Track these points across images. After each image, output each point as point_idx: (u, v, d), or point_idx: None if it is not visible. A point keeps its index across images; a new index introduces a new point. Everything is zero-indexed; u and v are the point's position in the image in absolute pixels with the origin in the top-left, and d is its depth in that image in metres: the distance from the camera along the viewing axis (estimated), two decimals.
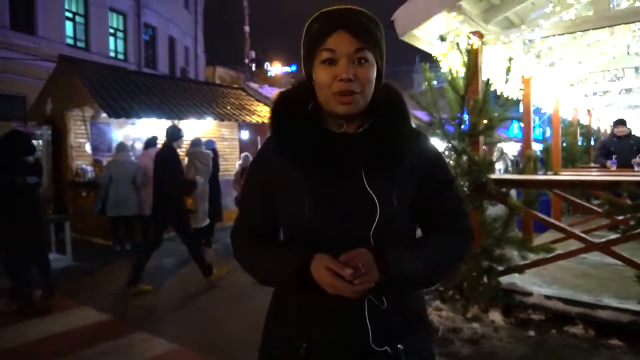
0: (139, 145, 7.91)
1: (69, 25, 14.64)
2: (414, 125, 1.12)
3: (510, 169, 13.30)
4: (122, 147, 6.83)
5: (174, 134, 5.02)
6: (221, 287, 4.90)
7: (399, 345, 1.02)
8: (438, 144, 3.90)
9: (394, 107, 1.08)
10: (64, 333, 3.62)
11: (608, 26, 3.87)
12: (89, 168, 7.77)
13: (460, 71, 3.80)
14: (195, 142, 6.79)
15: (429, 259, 1.04)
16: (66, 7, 14.50)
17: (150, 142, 6.98)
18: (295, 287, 0.99)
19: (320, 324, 1.02)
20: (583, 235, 3.71)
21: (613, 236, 3.69)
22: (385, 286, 0.96)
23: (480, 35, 3.86)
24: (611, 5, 3.82)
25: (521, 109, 5.85)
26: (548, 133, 10.20)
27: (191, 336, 3.56)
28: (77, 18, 15.04)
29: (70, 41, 14.59)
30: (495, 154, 4.17)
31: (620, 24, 3.89)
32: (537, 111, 8.73)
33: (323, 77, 1.00)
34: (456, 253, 1.12)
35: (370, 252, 0.95)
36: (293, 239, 1.06)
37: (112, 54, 16.30)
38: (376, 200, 0.99)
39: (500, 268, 3.65)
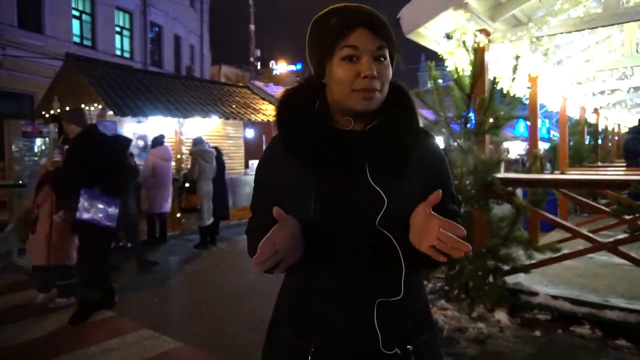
0: (141, 143, 7.99)
1: (75, 23, 14.74)
2: (421, 124, 1.13)
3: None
4: None
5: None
6: (228, 285, 4.91)
7: (408, 346, 1.02)
8: (444, 142, 3.89)
9: (402, 105, 1.08)
10: (69, 330, 3.64)
11: (617, 24, 3.83)
12: None
13: (467, 69, 3.78)
14: (198, 141, 6.81)
15: None
16: (73, 5, 14.60)
17: (157, 141, 7.01)
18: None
19: (328, 328, 1.01)
20: (590, 234, 3.67)
21: (621, 236, 3.66)
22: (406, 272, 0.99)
23: (486, 33, 3.83)
24: (620, 2, 3.78)
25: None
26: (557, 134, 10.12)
27: (197, 335, 3.57)
28: (84, 16, 15.14)
29: (77, 39, 14.70)
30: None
31: (629, 22, 3.85)
32: (548, 113, 8.66)
33: (344, 74, 0.98)
34: None
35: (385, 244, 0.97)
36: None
37: (118, 52, 16.40)
38: (382, 193, 0.98)
39: (506, 267, 3.63)
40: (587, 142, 8.83)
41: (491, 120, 3.70)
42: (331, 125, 1.05)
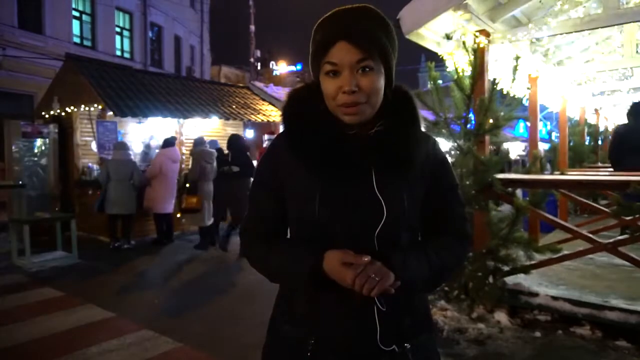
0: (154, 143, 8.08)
1: (75, 24, 14.72)
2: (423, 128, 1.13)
3: None
4: (121, 145, 6.92)
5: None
6: (228, 285, 4.91)
7: (406, 345, 1.03)
8: (444, 143, 3.88)
9: (405, 110, 1.08)
10: (69, 331, 3.64)
11: (617, 24, 3.82)
12: (95, 166, 7.81)
13: (467, 70, 3.78)
14: (199, 141, 6.84)
15: (434, 264, 1.04)
16: (73, 6, 14.58)
17: (168, 142, 7.14)
18: (309, 285, 0.99)
19: (328, 323, 1.02)
20: (590, 235, 3.67)
21: (621, 237, 3.66)
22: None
23: (486, 34, 3.83)
24: (620, 3, 3.78)
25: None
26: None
27: (197, 335, 3.57)
28: (84, 17, 15.13)
29: (77, 40, 14.68)
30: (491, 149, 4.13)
31: (629, 22, 3.85)
32: (548, 114, 8.62)
33: (328, 89, 0.99)
34: (458, 258, 1.14)
35: (376, 258, 0.95)
36: (302, 237, 1.06)
37: (118, 53, 16.38)
38: (383, 203, 0.99)
39: (506, 268, 3.62)
40: (587, 143, 8.82)
41: (491, 121, 3.69)
42: (335, 129, 1.05)
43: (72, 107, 7.77)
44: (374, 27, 0.98)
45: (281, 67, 26.83)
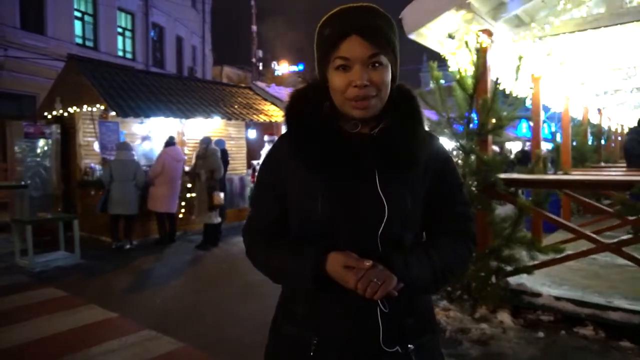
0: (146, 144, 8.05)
1: (77, 24, 14.75)
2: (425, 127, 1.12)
3: None
4: (124, 146, 6.94)
5: None
6: (230, 286, 4.91)
7: (409, 346, 1.03)
8: (446, 143, 3.87)
9: (408, 109, 1.08)
10: (71, 330, 3.65)
11: (620, 24, 3.80)
12: (97, 167, 7.83)
13: (469, 70, 3.77)
14: (207, 140, 6.88)
15: (436, 265, 1.04)
16: (75, 6, 14.61)
17: (169, 142, 7.22)
18: (312, 286, 0.99)
19: (330, 323, 1.02)
20: (593, 235, 3.66)
21: (624, 237, 3.64)
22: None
23: (489, 33, 3.82)
24: (623, 3, 3.76)
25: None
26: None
27: (199, 335, 3.56)
28: (86, 18, 15.15)
29: (79, 40, 14.70)
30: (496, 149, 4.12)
31: (632, 22, 3.83)
32: (552, 116, 8.59)
33: (338, 83, 0.99)
34: (462, 258, 1.13)
35: (378, 260, 0.95)
36: (304, 237, 1.06)
37: (120, 53, 16.40)
38: (385, 203, 0.99)
39: (509, 268, 3.61)
40: (590, 143, 8.79)
41: (494, 120, 3.69)
42: (338, 128, 1.05)
43: (74, 108, 7.78)
44: (383, 24, 0.99)
45: (283, 67, 26.85)
